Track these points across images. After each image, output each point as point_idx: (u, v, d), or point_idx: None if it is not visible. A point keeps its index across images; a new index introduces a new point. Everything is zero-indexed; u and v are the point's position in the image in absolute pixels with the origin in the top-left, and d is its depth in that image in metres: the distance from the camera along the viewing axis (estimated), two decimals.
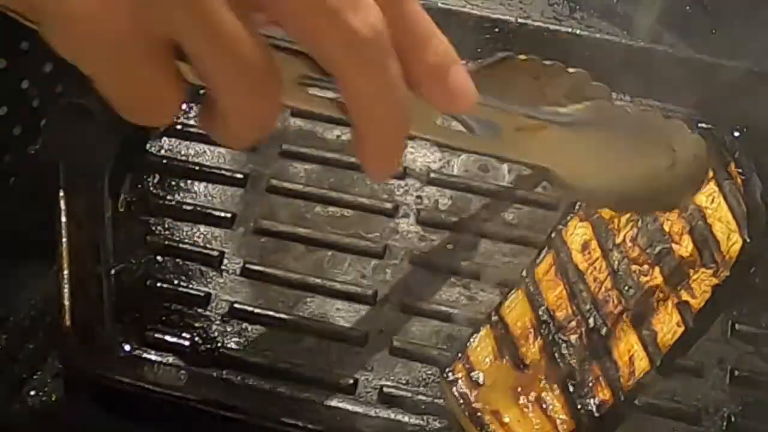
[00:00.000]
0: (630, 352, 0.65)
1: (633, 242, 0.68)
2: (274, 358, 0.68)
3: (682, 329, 0.66)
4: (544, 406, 0.65)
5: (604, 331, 0.66)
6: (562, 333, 0.66)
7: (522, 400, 0.65)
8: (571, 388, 0.65)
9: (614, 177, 0.63)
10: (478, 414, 0.65)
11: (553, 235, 0.70)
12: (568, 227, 0.70)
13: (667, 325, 0.66)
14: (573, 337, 0.66)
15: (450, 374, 0.66)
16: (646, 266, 0.67)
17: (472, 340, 0.67)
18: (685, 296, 0.66)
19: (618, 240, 0.69)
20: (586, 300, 0.67)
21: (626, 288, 0.67)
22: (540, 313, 0.67)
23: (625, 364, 0.65)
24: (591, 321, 0.66)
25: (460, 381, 0.66)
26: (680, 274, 0.67)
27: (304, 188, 0.74)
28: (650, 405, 0.66)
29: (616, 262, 0.68)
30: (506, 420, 0.65)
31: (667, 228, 0.68)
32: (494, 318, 0.68)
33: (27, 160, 0.71)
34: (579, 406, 0.64)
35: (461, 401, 0.66)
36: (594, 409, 0.64)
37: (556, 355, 0.66)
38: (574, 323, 0.67)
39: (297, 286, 0.71)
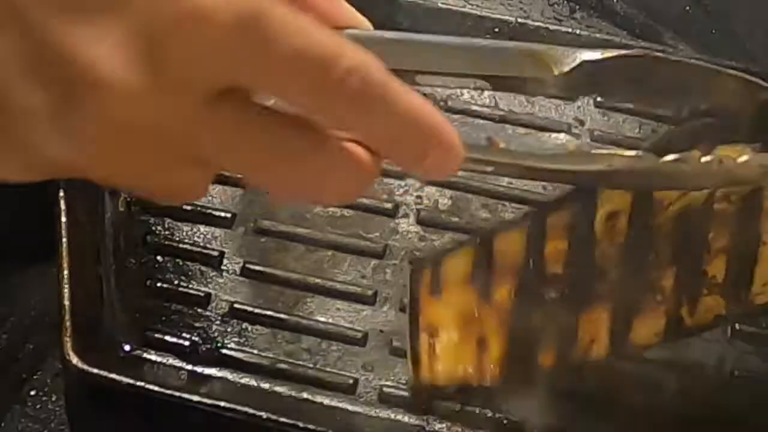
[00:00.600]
0: (593, 335, 0.61)
1: (666, 233, 0.61)
2: (274, 358, 0.68)
3: (659, 339, 0.61)
4: (481, 346, 0.62)
5: (581, 304, 0.61)
6: (540, 287, 0.61)
7: (465, 329, 0.62)
8: (517, 342, 0.61)
9: None
10: (419, 318, 0.63)
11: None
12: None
13: (646, 329, 0.61)
14: (548, 296, 0.61)
15: (417, 268, 0.64)
16: (664, 262, 0.61)
17: (453, 250, 0.64)
18: (683, 311, 0.61)
19: (652, 222, 0.61)
20: (582, 268, 0.62)
21: (629, 275, 0.61)
22: (530, 257, 0.62)
23: (583, 343, 0.61)
24: (575, 290, 0.61)
25: (421, 280, 0.64)
26: (693, 289, 0.61)
27: None
28: None
29: (636, 246, 0.61)
30: (439, 337, 0.62)
31: (709, 237, 0.61)
32: (485, 240, 0.63)
33: None
34: (515, 362, 0.61)
35: (412, 299, 0.63)
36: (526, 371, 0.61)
37: (523, 305, 0.62)
38: (557, 283, 0.61)
39: (297, 286, 0.71)
